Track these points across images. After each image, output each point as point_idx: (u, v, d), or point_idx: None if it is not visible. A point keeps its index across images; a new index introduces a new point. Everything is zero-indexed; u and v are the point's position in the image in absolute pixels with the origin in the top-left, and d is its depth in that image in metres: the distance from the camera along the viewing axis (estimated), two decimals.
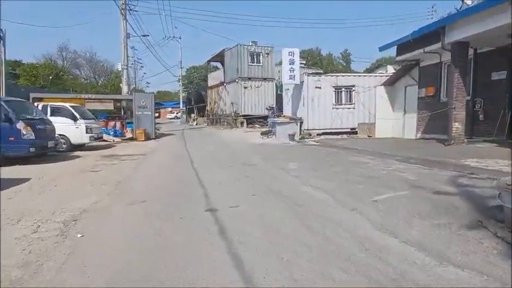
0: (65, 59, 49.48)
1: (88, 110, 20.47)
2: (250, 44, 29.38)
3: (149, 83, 57.97)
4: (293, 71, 16.90)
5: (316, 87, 17.17)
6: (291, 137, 16.32)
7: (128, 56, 21.56)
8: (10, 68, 38.33)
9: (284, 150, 13.13)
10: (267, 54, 29.50)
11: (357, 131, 17.68)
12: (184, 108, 50.39)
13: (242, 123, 28.50)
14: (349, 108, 17.72)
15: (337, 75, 17.80)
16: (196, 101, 44.37)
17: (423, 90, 14.80)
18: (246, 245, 3.69)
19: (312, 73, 17.72)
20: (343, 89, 17.61)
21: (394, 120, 16.46)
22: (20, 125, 10.01)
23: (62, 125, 14.12)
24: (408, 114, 15.79)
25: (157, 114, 61.05)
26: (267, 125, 26.60)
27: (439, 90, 14.10)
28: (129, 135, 19.88)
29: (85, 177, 8.24)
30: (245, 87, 28.94)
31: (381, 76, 18.29)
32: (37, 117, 10.92)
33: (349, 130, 17.78)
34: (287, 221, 4.51)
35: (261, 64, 29.44)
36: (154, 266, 3.28)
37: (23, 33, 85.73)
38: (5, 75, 37.04)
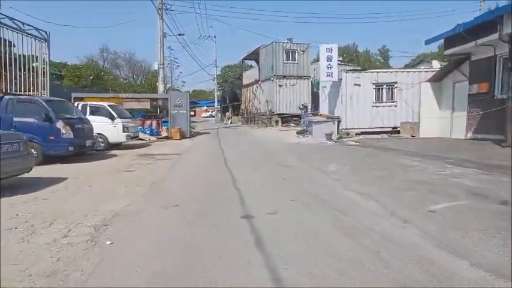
0: (106, 60, 51.51)
1: (126, 109, 21.03)
2: (286, 41, 28.81)
3: (185, 82, 58.87)
4: (331, 67, 16.21)
5: (355, 85, 16.35)
6: (328, 136, 15.65)
7: (164, 55, 21.83)
8: (56, 70, 40.39)
9: (321, 150, 12.54)
10: (303, 51, 28.79)
11: (398, 131, 16.67)
12: (219, 106, 50.72)
13: (277, 122, 28.03)
14: (391, 106, 16.74)
15: (378, 72, 16.86)
16: (231, 99, 44.47)
17: (475, 87, 13.61)
18: (288, 263, 3.26)
19: (351, 70, 16.91)
20: (385, 86, 16.65)
21: (440, 119, 15.32)
22: (59, 124, 10.18)
23: (100, 124, 14.36)
24: (457, 112, 14.62)
25: (192, 113, 62.13)
26: (302, 124, 26.04)
27: (492, 86, 12.88)
28: (164, 134, 20.06)
29: (120, 177, 8.17)
30: (280, 86, 28.43)
31: (426, 72, 17.11)
32: (76, 117, 11.09)
33: (390, 130, 16.81)
34: (332, 234, 4.02)
35: (297, 62, 28.78)
36: (185, 284, 2.93)
37: (67, 36, 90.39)
38: (51, 76, 38.93)
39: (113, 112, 14.58)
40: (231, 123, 39.70)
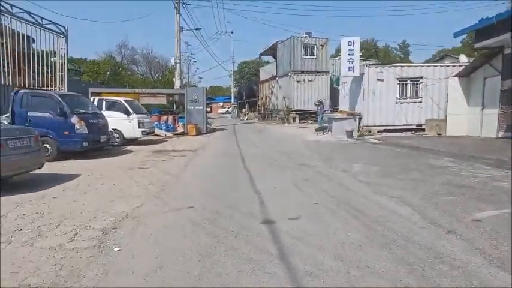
0: (124, 56, 51.81)
1: (142, 104, 20.89)
2: (304, 35, 28.10)
3: (201, 78, 58.97)
4: (352, 62, 15.52)
5: (378, 80, 15.63)
6: (349, 133, 15.03)
7: (180, 50, 21.53)
8: (75, 65, 40.89)
9: (343, 148, 11.97)
10: (322, 46, 28.04)
11: (423, 128, 15.89)
12: (235, 103, 50.39)
13: (294, 118, 27.44)
14: (415, 103, 15.95)
15: (402, 66, 16.06)
16: (247, 95, 44.03)
17: (508, 82, 12.72)
18: (318, 279, 2.80)
19: (373, 64, 16.18)
20: (409, 81, 15.86)
21: (469, 116, 14.46)
22: (74, 120, 9.96)
23: (115, 120, 14.19)
24: (487, 109, 13.74)
25: (209, 109, 62.01)
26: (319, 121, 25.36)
27: None
28: (180, 129, 19.81)
29: (133, 174, 7.86)
30: (298, 81, 27.80)
31: (454, 66, 16.22)
32: (90, 112, 10.87)
33: (414, 127, 16.04)
34: (366, 245, 3.53)
35: (315, 56, 28.06)
36: None
37: (86, 32, 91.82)
38: (70, 72, 39.39)
39: (128, 107, 14.37)
40: (247, 119, 39.30)
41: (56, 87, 19.21)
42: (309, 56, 27.96)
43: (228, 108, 61.48)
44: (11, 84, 15.18)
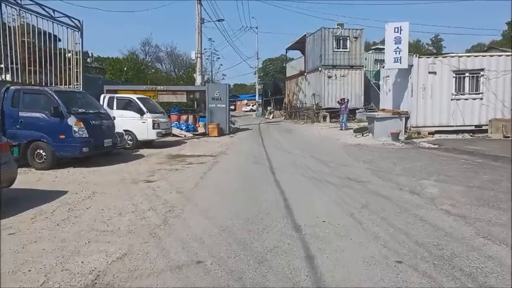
0: (147, 54, 51.00)
1: (161, 102, 19.36)
2: (336, 26, 25.75)
3: (225, 75, 57.18)
4: (399, 52, 13.20)
5: (430, 73, 13.26)
6: (395, 136, 12.80)
7: (202, 43, 19.87)
8: (99, 63, 40.34)
9: (394, 155, 9.80)
10: (355, 38, 25.60)
11: (483, 129, 13.40)
12: (260, 100, 48.46)
13: (324, 117, 25.20)
14: (475, 99, 13.45)
15: (460, 56, 13.54)
16: (273, 92, 42.01)
17: None
18: None
19: (424, 54, 13.72)
20: (467, 74, 13.36)
21: None
22: (71, 121, 8.38)
23: (127, 120, 12.67)
24: None
25: (232, 107, 60.42)
26: (354, 120, 23.05)
27: None
28: (201, 130, 18.14)
29: (133, 192, 6.12)
30: (329, 77, 25.52)
31: None
32: (93, 111, 9.26)
33: (472, 128, 13.55)
34: None
35: (348, 50, 25.67)
36: None
37: (110, 30, 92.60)
38: (94, 70, 38.59)
39: (142, 106, 12.76)
40: (272, 117, 37.30)
41: (72, 85, 18.06)
42: (341, 49, 25.61)
43: (252, 106, 59.69)
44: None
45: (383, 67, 16.10)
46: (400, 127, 13.23)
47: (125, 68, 30.80)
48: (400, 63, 13.26)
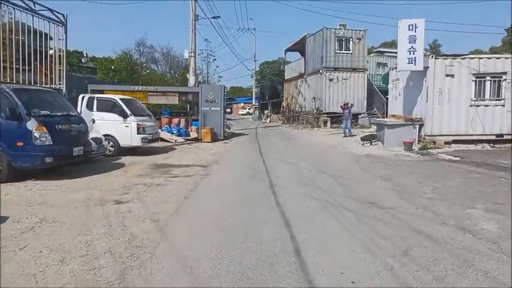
0: (142, 54, 49.45)
1: (151, 104, 17.90)
2: (338, 27, 24.46)
3: (221, 77, 55.58)
4: (414, 52, 11.87)
5: (447, 75, 11.95)
6: (408, 146, 11.46)
7: (196, 42, 18.47)
8: (94, 64, 38.83)
9: (415, 170, 8.41)
10: (359, 39, 24.33)
11: (506, 139, 12.10)
12: (257, 103, 47.07)
13: (325, 122, 23.87)
14: (496, 106, 12.15)
15: (480, 58, 12.18)
16: (270, 96, 40.64)
17: None
18: None
19: (441, 55, 12.42)
20: (488, 78, 12.06)
21: None
22: (31, 125, 6.94)
23: (108, 123, 11.27)
24: None
25: (228, 110, 58.91)
26: (356, 126, 21.72)
27: None
28: (194, 134, 16.71)
29: (96, 219, 4.72)
30: (330, 80, 24.20)
31: None
32: (60, 114, 7.80)
33: (493, 138, 12.23)
34: None
35: (351, 51, 24.38)
36: None
37: (104, 29, 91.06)
38: (86, 70, 36.95)
39: (125, 108, 11.33)
40: (270, 121, 35.93)
41: (55, 85, 16.61)
42: (343, 51, 24.31)
43: (249, 109, 58.30)
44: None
45: (392, 69, 14.80)
46: (413, 135, 11.90)
47: (113, 67, 29.18)
48: (415, 64, 11.92)
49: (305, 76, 27.77)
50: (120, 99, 11.65)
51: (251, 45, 74.34)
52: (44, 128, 7.05)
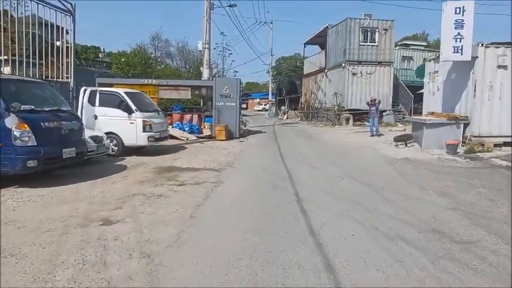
0: (157, 48, 48.66)
1: (162, 99, 16.77)
2: (363, 17, 22.74)
3: (237, 72, 54.38)
4: (460, 39, 10.24)
5: (499, 67, 10.29)
6: (452, 148, 9.91)
7: (210, 32, 17.15)
8: (110, 59, 38.26)
9: (475, 182, 6.89)
10: (385, 30, 22.55)
11: None
12: (273, 99, 45.60)
13: (347, 119, 22.28)
14: None
15: None
16: (288, 91, 39.10)
17: None
18: None
19: (494, 43, 10.68)
20: None
21: None
22: (10, 122, 5.79)
23: (112, 120, 10.13)
24: None
25: (244, 106, 57.61)
26: (381, 124, 20.03)
27: None
28: (206, 132, 15.48)
29: (68, 250, 3.51)
30: (353, 74, 22.56)
31: None
32: (48, 109, 6.63)
33: None
34: None
35: (376, 44, 22.64)
36: None
37: (121, 26, 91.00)
38: (100, 64, 36.35)
39: (130, 103, 10.15)
40: (287, 118, 34.44)
41: (62, 78, 15.68)
42: (368, 43, 22.60)
43: (265, 105, 56.89)
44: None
45: (429, 61, 13.14)
46: (457, 136, 10.33)
47: (123, 59, 28.28)
48: (461, 54, 10.27)
49: (326, 70, 26.17)
50: (125, 92, 10.47)
51: (268, 40, 72.62)
52: (26, 125, 5.89)
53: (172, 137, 13.37)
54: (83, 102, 10.43)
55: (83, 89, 10.85)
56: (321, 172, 8.02)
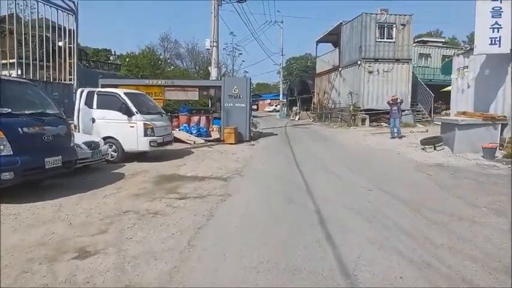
0: (166, 49, 48.10)
1: (168, 100, 15.96)
2: (379, 12, 21.56)
3: (247, 72, 53.43)
4: (498, 29, 9.09)
5: None
6: (489, 152, 8.77)
7: (218, 29, 16.22)
8: (121, 61, 37.83)
9: None
10: (403, 25, 21.33)
11: None
12: (284, 100, 44.49)
13: (363, 120, 21.12)
14: None
15: None
16: (299, 91, 37.98)
17: None
18: None
19: None
20: None
21: None
22: None
23: (110, 123, 9.30)
24: None
25: (254, 107, 56.64)
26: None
27: None
28: (215, 135, 14.56)
29: None
30: (369, 72, 21.39)
31: None
32: (29, 112, 5.75)
33: None
34: None
35: (394, 40, 21.43)
36: None
37: (131, 26, 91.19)
38: (109, 66, 35.87)
39: (130, 104, 9.29)
40: (299, 119, 33.33)
41: (65, 78, 15.02)
42: (385, 39, 21.40)
43: (276, 106, 55.80)
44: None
45: (458, 55, 11.96)
46: (494, 139, 9.19)
47: (127, 59, 27.62)
48: (499, 46, 9.10)
49: (339, 69, 25.03)
50: (125, 93, 9.61)
51: (278, 39, 71.89)
52: (0, 132, 5.03)
53: (178, 140, 12.52)
54: (79, 105, 9.65)
55: (79, 90, 10.04)
56: (342, 182, 6.99)
